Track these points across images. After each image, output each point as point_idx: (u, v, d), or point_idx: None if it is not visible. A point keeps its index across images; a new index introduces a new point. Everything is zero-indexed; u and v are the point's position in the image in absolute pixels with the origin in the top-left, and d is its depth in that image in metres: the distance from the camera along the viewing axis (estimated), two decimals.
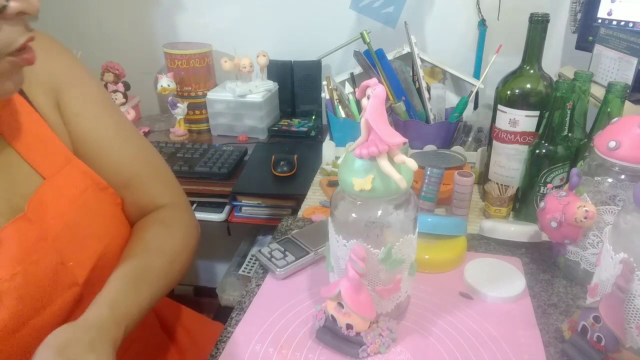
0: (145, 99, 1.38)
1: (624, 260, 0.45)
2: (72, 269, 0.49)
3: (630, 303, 0.45)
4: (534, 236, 0.70)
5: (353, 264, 0.46)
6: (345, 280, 0.47)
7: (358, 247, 0.46)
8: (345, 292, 0.47)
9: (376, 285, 0.50)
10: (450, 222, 0.69)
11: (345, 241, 0.49)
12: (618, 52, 0.82)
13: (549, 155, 0.72)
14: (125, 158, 0.57)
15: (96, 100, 0.57)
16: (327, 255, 0.54)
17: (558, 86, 0.69)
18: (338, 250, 0.50)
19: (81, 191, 0.52)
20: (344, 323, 0.49)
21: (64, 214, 0.49)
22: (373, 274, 0.50)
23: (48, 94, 0.52)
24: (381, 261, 0.48)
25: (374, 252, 0.48)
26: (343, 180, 0.47)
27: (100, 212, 0.54)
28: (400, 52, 1.07)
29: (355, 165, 0.45)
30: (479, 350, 0.52)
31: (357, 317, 0.48)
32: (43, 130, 0.51)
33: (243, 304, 0.60)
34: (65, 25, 1.35)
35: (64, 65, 0.55)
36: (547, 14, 0.73)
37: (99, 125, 0.56)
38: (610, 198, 0.58)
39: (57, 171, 0.50)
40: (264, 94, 1.18)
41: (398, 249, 0.49)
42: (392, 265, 0.49)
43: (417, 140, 0.93)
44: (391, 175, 0.44)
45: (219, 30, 1.29)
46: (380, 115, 0.44)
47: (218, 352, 0.52)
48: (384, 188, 0.45)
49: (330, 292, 0.49)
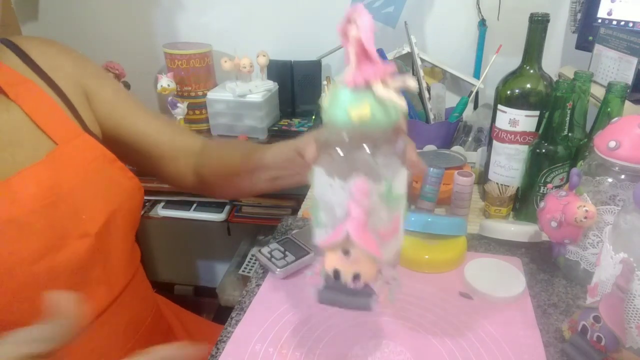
0: (145, 99, 1.37)
1: (623, 260, 0.45)
2: (85, 222, 0.53)
3: (630, 303, 0.45)
4: (534, 236, 0.70)
5: (359, 201, 0.41)
6: (350, 221, 0.42)
7: (361, 181, 0.41)
8: (354, 231, 0.41)
9: (378, 227, 0.45)
10: (450, 222, 0.69)
11: (342, 182, 0.43)
12: (618, 52, 0.82)
13: (549, 155, 0.72)
14: (160, 132, 0.66)
15: (121, 91, 0.66)
16: (313, 212, 0.48)
17: (558, 86, 0.69)
18: (333, 197, 0.44)
19: (92, 159, 0.57)
20: (351, 273, 0.44)
21: (77, 172, 0.54)
22: (374, 214, 0.44)
23: (74, 80, 0.60)
24: (381, 197, 0.43)
25: (375, 188, 0.43)
26: (335, 115, 0.42)
27: (110, 179, 0.58)
28: (400, 52, 1.07)
29: (348, 96, 0.41)
30: (479, 350, 0.52)
31: (366, 261, 0.43)
32: (55, 107, 0.57)
33: (243, 303, 0.60)
34: (65, 25, 1.35)
35: (82, 59, 0.63)
36: (547, 14, 0.72)
37: (132, 112, 0.65)
38: (610, 198, 0.58)
39: (68, 140, 0.56)
40: (264, 94, 1.18)
41: (397, 183, 0.45)
42: (393, 201, 0.44)
43: (417, 140, 0.92)
44: (391, 98, 0.40)
45: (219, 30, 1.29)
46: (372, 39, 0.40)
47: (218, 352, 0.52)
48: (383, 115, 0.41)
49: (334, 238, 0.43)
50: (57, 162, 0.53)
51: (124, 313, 0.58)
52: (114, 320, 0.57)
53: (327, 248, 0.44)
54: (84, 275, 0.53)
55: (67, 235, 0.51)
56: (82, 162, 0.55)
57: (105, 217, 0.55)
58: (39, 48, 0.59)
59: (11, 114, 0.53)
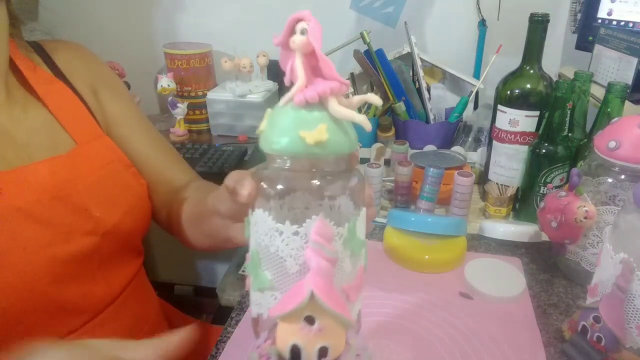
0: (145, 99, 1.37)
1: (623, 260, 0.45)
2: (94, 221, 0.54)
3: (630, 303, 0.45)
4: (534, 236, 0.70)
5: (320, 249, 0.32)
6: (314, 277, 0.32)
7: (321, 223, 0.32)
8: (320, 289, 0.31)
9: (342, 282, 0.35)
10: (450, 222, 0.69)
11: (296, 227, 0.33)
12: (618, 52, 0.82)
13: (549, 155, 0.72)
14: (152, 160, 0.65)
15: (129, 110, 0.66)
16: (252, 271, 0.36)
17: (558, 86, 0.69)
18: (283, 247, 0.34)
19: (109, 161, 0.58)
20: (316, 349, 0.33)
21: (93, 172, 0.56)
22: (337, 266, 0.35)
23: (88, 85, 0.62)
24: (345, 243, 0.35)
25: (336, 232, 0.34)
26: (280, 142, 0.33)
27: (124, 183, 0.59)
28: (400, 52, 1.07)
29: (297, 117, 0.33)
30: (479, 350, 0.52)
31: (334, 328, 0.33)
32: (80, 108, 0.59)
33: (243, 304, 0.60)
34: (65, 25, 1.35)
35: (100, 66, 0.66)
36: (547, 14, 0.72)
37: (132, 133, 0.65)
38: (610, 198, 0.58)
39: (88, 141, 0.57)
40: (264, 94, 1.18)
41: (359, 226, 0.36)
42: (356, 247, 0.36)
43: (417, 141, 0.93)
44: (351, 117, 0.33)
45: (219, 30, 1.28)
46: (321, 47, 0.33)
47: (218, 352, 0.52)
48: (342, 137, 0.33)
49: (293, 303, 0.31)
50: (75, 159, 0.55)
51: (124, 315, 0.58)
52: (113, 322, 0.57)
53: (282, 318, 0.33)
54: (84, 270, 0.53)
55: (73, 231, 0.52)
56: (99, 163, 0.57)
57: (116, 219, 0.56)
58: (62, 52, 0.61)
59: (37, 112, 0.55)
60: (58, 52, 0.61)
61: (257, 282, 0.36)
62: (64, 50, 0.62)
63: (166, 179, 0.65)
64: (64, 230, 0.51)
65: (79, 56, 0.63)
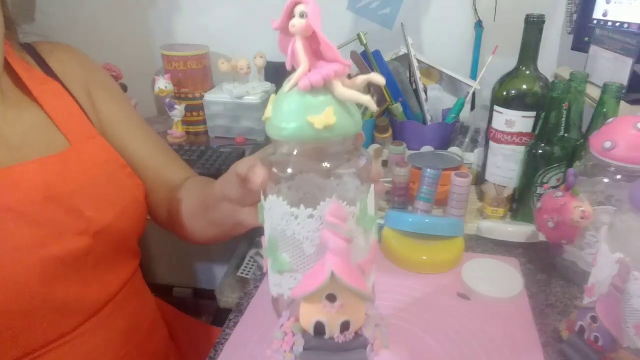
0: (142, 101, 1.37)
1: (620, 260, 0.45)
2: (87, 221, 0.53)
3: (627, 303, 0.45)
4: (531, 236, 0.70)
5: (336, 230, 0.33)
6: (331, 256, 0.33)
7: (335, 205, 0.33)
8: (339, 269, 0.32)
9: (357, 257, 0.38)
10: (447, 222, 0.69)
11: (310, 209, 0.35)
12: (613, 53, 0.82)
13: (545, 156, 0.72)
14: (149, 160, 0.65)
15: (125, 110, 0.66)
16: (271, 255, 0.38)
17: (554, 87, 0.69)
18: (299, 230, 0.36)
19: (103, 161, 0.58)
20: (339, 323, 0.35)
21: (87, 172, 0.55)
22: (352, 244, 0.36)
23: (82, 86, 0.61)
24: (358, 221, 0.36)
25: (349, 211, 0.35)
26: (289, 128, 0.34)
27: (118, 183, 0.59)
28: (397, 53, 1.07)
29: (303, 102, 0.34)
30: (477, 350, 0.52)
31: (353, 303, 0.35)
32: (74, 108, 0.59)
33: (241, 305, 0.60)
34: (62, 26, 1.35)
35: (93, 67, 0.65)
36: (543, 15, 0.73)
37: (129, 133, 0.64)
38: (606, 198, 0.58)
39: (81, 141, 0.57)
40: (262, 96, 1.18)
41: (369, 202, 0.38)
42: (368, 224, 0.38)
43: (414, 141, 0.93)
44: (357, 99, 0.34)
45: (216, 32, 1.28)
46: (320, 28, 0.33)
47: (216, 354, 0.52)
48: (348, 119, 0.34)
49: (315, 283, 0.33)
50: (68, 159, 0.54)
51: (119, 317, 0.58)
52: (109, 324, 0.57)
53: (304, 297, 0.34)
54: (76, 271, 0.53)
55: (65, 231, 0.51)
56: (92, 163, 0.57)
57: (108, 219, 0.55)
58: (54, 53, 0.61)
59: (31, 112, 0.55)
60: (50, 53, 0.61)
61: (276, 265, 0.38)
62: (56, 51, 0.61)
63: (164, 178, 0.65)
64: (56, 230, 0.51)
65: (71, 57, 0.63)
